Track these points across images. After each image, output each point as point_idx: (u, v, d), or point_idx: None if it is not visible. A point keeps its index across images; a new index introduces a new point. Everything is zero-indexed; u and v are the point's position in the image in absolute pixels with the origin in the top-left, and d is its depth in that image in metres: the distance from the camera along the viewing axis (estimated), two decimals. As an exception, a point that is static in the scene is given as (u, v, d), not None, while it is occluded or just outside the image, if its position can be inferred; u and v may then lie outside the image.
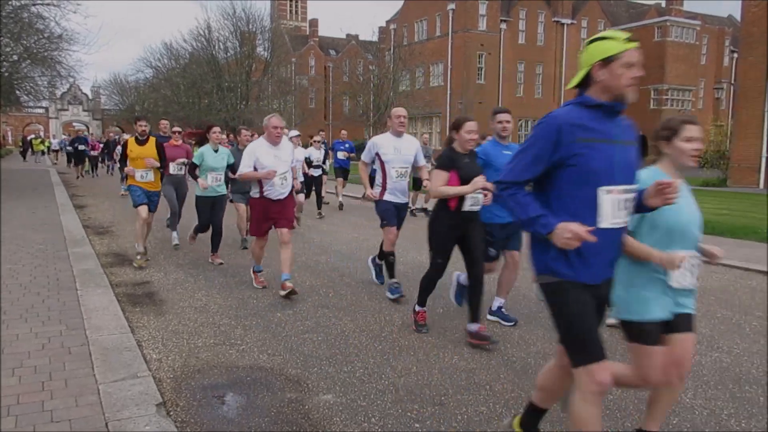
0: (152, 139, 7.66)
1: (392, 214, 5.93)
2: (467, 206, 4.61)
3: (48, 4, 19.78)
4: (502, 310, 5.36)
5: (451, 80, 43.98)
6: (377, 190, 6.02)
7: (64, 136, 44.73)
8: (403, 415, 3.45)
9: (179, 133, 8.99)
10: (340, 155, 14.69)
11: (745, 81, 24.17)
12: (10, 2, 18.85)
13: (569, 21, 47.32)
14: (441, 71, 45.38)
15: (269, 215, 6.07)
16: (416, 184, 12.89)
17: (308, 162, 11.82)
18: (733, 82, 43.15)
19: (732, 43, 50.21)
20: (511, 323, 5.22)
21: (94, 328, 4.69)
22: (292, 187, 6.33)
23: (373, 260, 6.64)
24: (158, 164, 7.59)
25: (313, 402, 3.62)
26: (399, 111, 6.01)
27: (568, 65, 47.67)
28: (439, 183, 4.60)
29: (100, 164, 25.74)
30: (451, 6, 43.05)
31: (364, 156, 6.11)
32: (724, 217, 12.62)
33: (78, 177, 22.58)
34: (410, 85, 44.04)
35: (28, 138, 43.64)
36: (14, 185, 17.88)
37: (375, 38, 48.08)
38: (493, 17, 43.55)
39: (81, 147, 22.62)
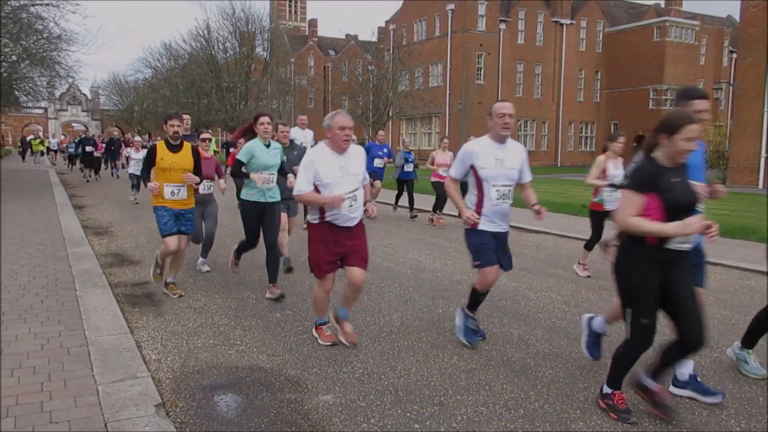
0: (187, 145, 5.91)
1: (490, 250, 4.46)
2: (675, 242, 3.26)
3: (47, 5, 19.79)
4: (698, 378, 3.84)
5: (451, 80, 44.00)
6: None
7: (62, 137, 44.63)
8: (403, 416, 3.45)
9: (209, 140, 7.24)
10: (377, 162, 12.40)
11: (744, 81, 24.22)
12: (9, 2, 18.85)
13: (568, 21, 47.36)
14: (440, 71, 45.40)
15: (335, 248, 4.45)
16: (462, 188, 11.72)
17: None
18: (732, 82, 43.23)
19: (731, 43, 50.29)
20: (717, 397, 3.69)
21: (93, 328, 4.69)
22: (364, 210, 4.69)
23: (464, 313, 4.76)
24: (198, 180, 5.88)
25: (312, 402, 3.62)
26: (504, 108, 4.40)
27: (567, 65, 47.73)
28: (630, 211, 3.20)
29: (102, 166, 24.66)
30: (450, 6, 43.07)
31: (455, 170, 4.58)
32: (723, 218, 12.61)
33: (87, 180, 21.77)
34: (409, 85, 44.02)
35: (27, 138, 43.63)
36: (13, 185, 17.87)
37: (374, 38, 48.04)
38: (492, 17, 43.57)
39: (89, 148, 21.89)
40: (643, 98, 47.32)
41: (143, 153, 15.17)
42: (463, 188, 6.49)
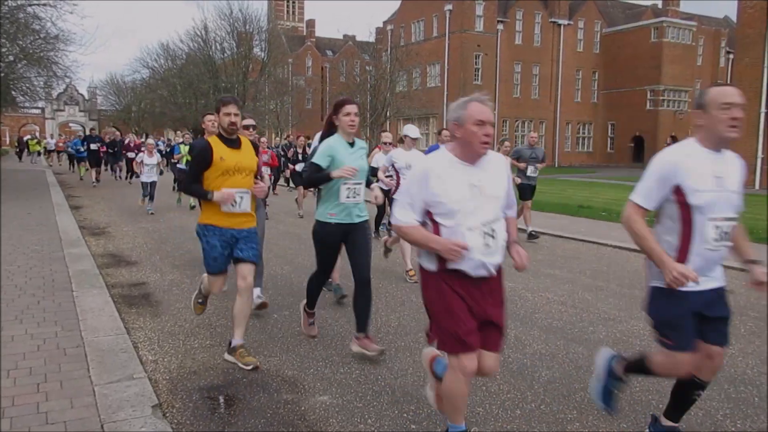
0: (245, 140, 4.44)
1: (690, 327, 2.84)
2: None
3: (44, 5, 19.79)
4: None
5: (448, 81, 44.06)
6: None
7: (59, 136, 44.50)
8: (400, 417, 3.45)
9: (253, 128, 5.64)
10: None
11: (741, 82, 24.28)
12: (6, 2, 18.83)
13: (566, 22, 47.44)
14: (438, 72, 45.46)
15: (469, 309, 2.81)
16: (524, 192, 9.93)
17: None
18: (728, 83, 43.37)
19: (728, 44, 50.40)
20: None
21: (90, 329, 4.68)
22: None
23: (611, 369, 3.26)
24: (266, 188, 4.54)
25: (309, 403, 3.62)
26: (729, 95, 2.84)
27: (564, 66, 47.79)
28: None
29: (103, 168, 23.16)
30: (448, 7, 43.14)
31: (646, 196, 2.87)
32: (720, 218, 12.63)
33: (94, 184, 20.21)
34: (407, 85, 44.09)
35: (24, 138, 43.51)
36: (10, 186, 17.83)
37: (372, 39, 48.09)
38: (490, 18, 43.65)
39: (94, 146, 20.71)
40: (641, 99, 47.43)
41: (157, 157, 13.95)
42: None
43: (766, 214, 13.40)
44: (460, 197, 2.75)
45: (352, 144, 4.39)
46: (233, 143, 4.26)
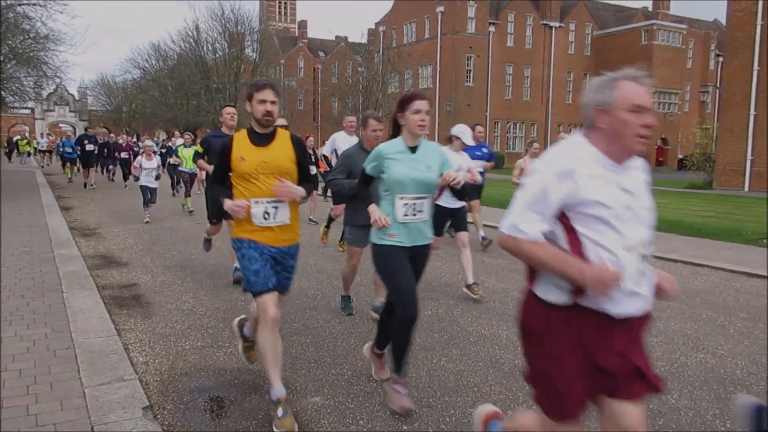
0: (283, 134, 3.55)
1: None
2: None
3: (34, 4, 19.67)
4: None
5: (440, 82, 44.19)
6: None
7: (49, 137, 44.16)
8: (391, 417, 3.45)
9: (286, 128, 4.64)
10: (476, 165, 7.92)
11: (731, 85, 24.50)
12: (-4, 3, 18.72)
13: (557, 24, 47.69)
14: (430, 73, 45.59)
15: (596, 361, 2.11)
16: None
17: None
18: (718, 85, 43.72)
19: (718, 47, 50.83)
20: None
21: (80, 330, 4.65)
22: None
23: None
24: (302, 192, 3.48)
25: (301, 404, 3.61)
26: None
27: (556, 68, 48.02)
28: None
29: (96, 169, 21.62)
30: (440, 8, 43.28)
31: None
32: (709, 220, 12.76)
33: (87, 185, 19.29)
34: (399, 86, 44.17)
35: (14, 139, 43.17)
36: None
37: (364, 40, 48.19)
38: (482, 20, 43.84)
39: (90, 147, 19.51)
40: (631, 101, 47.73)
41: (157, 160, 12.83)
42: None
43: (767, 215, 13.49)
44: (617, 204, 2.03)
45: (414, 149, 3.54)
46: (263, 139, 3.45)
